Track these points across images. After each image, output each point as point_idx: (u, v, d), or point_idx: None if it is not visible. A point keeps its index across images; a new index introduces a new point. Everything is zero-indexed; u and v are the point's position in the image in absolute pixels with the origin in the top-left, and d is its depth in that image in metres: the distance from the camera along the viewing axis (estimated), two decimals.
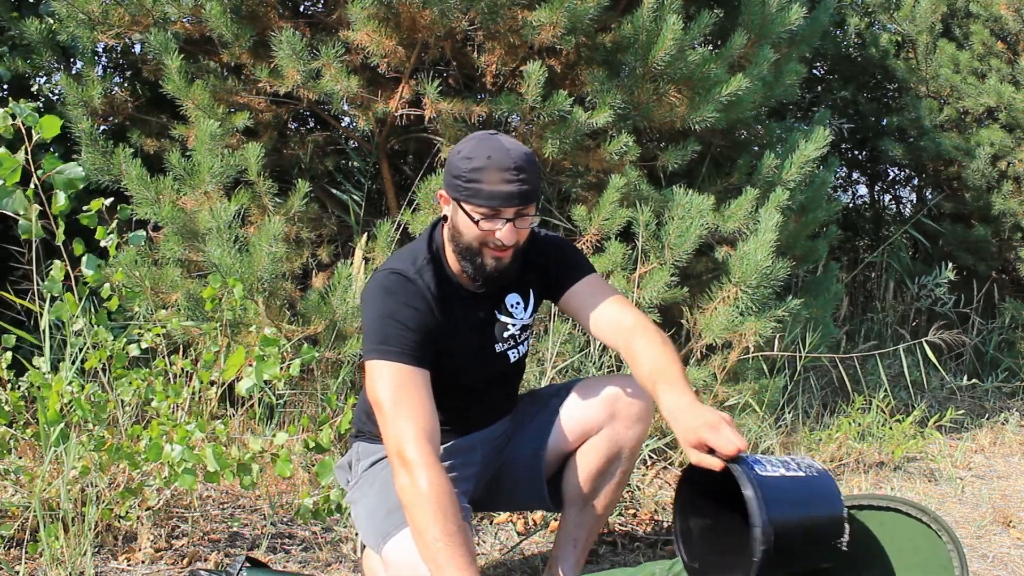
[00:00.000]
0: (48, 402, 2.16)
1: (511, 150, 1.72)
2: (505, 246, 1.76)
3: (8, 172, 2.12)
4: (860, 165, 6.07)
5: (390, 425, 1.68)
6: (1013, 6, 4.90)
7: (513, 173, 1.70)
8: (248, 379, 2.25)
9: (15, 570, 2.03)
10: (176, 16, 3.14)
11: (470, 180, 1.71)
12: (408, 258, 1.84)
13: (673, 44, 2.99)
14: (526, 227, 1.77)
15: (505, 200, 1.71)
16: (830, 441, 3.34)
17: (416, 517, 1.60)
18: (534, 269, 1.95)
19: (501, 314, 1.92)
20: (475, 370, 1.92)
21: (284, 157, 3.44)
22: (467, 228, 1.76)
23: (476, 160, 1.71)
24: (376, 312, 1.76)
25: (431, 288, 1.80)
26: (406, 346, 1.73)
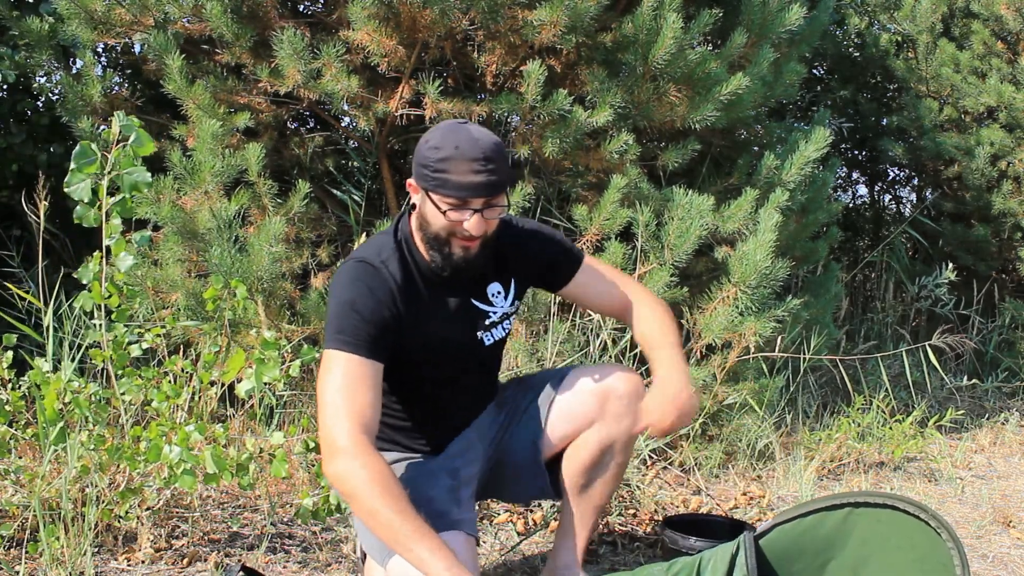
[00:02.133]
0: (47, 401, 2.16)
1: (480, 139, 1.70)
2: (473, 236, 1.74)
3: (85, 163, 2.22)
4: (860, 165, 6.07)
5: (328, 416, 1.68)
6: (1013, 6, 4.89)
7: (482, 163, 1.69)
8: (248, 381, 2.25)
9: (15, 570, 2.03)
10: (177, 16, 3.14)
11: (437, 170, 1.69)
12: (374, 247, 1.83)
13: (673, 43, 2.99)
14: (495, 217, 1.76)
15: (473, 191, 1.69)
16: (830, 441, 3.34)
17: (363, 501, 1.59)
18: (518, 259, 1.94)
19: (480, 302, 1.91)
20: (449, 357, 1.90)
21: (284, 157, 3.44)
22: (435, 218, 1.74)
23: (444, 150, 1.69)
24: (337, 301, 1.76)
25: (396, 278, 1.79)
26: (361, 338, 1.72)
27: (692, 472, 3.09)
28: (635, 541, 2.54)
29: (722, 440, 3.24)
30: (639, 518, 2.69)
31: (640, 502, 2.74)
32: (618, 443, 1.99)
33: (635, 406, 1.96)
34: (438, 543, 1.57)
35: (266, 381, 2.24)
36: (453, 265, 1.79)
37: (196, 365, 2.52)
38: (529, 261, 1.96)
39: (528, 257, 1.95)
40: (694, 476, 3.07)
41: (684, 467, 3.12)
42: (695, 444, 3.17)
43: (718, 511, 2.83)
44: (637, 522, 2.67)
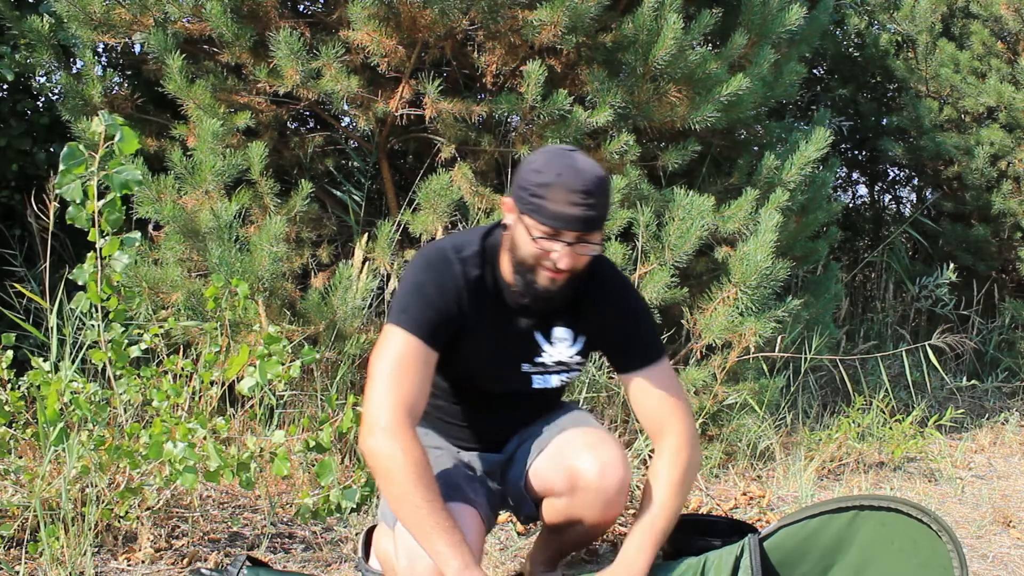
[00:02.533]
0: (47, 401, 2.16)
1: (583, 171, 1.64)
2: (561, 270, 1.68)
3: (74, 163, 2.22)
4: (860, 165, 6.07)
5: (375, 390, 1.67)
6: (1013, 6, 4.90)
7: (581, 196, 1.63)
8: (250, 378, 2.25)
9: (15, 570, 2.03)
10: (177, 16, 3.14)
11: (535, 195, 1.64)
12: (459, 243, 1.79)
13: (673, 44, 2.99)
14: (586, 254, 1.69)
15: (567, 223, 1.64)
16: (830, 441, 3.34)
17: (394, 484, 1.59)
18: (597, 320, 1.84)
19: (542, 337, 1.84)
20: (493, 378, 1.86)
21: (284, 157, 3.44)
22: (525, 243, 1.69)
23: (545, 175, 1.64)
24: (408, 280, 1.76)
25: (468, 278, 1.76)
26: (422, 321, 1.70)
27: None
28: None
29: (722, 440, 3.24)
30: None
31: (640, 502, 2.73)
32: (585, 523, 1.88)
33: (604, 501, 1.81)
34: (458, 539, 1.56)
35: (268, 378, 2.24)
36: (534, 294, 1.73)
37: (197, 365, 2.52)
38: (606, 328, 1.85)
39: (607, 324, 1.85)
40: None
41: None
42: None
43: (718, 511, 2.83)
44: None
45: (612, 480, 1.79)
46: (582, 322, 1.85)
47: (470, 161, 3.19)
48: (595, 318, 1.84)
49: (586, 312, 1.84)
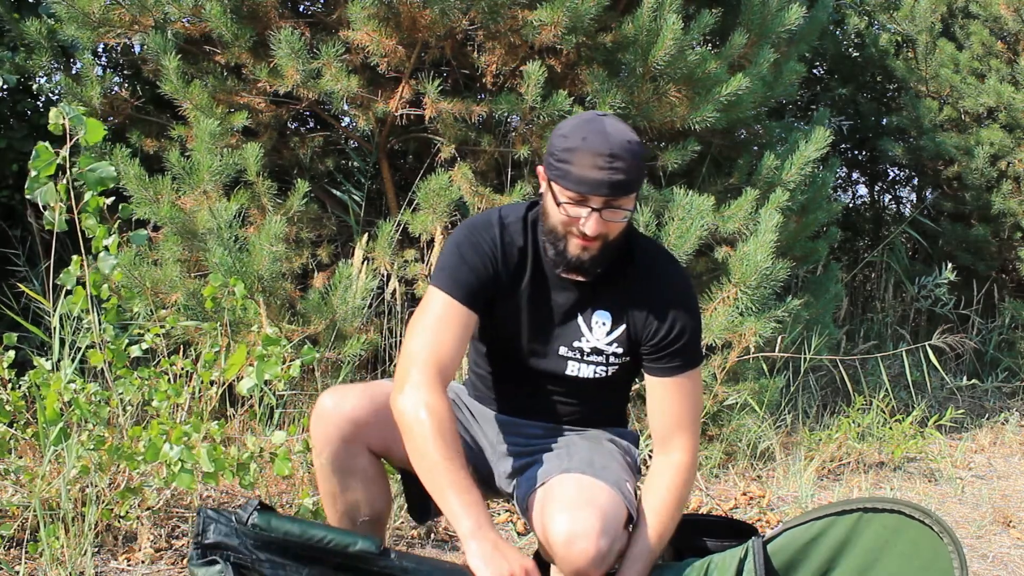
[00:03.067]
0: (47, 401, 2.16)
1: (611, 135, 1.60)
2: (590, 237, 1.64)
3: (44, 164, 2.18)
4: (860, 165, 6.08)
5: (407, 347, 1.67)
6: (1013, 6, 4.90)
7: (607, 160, 1.58)
8: (249, 379, 2.25)
9: (15, 570, 2.03)
10: (176, 16, 3.14)
11: (561, 160, 1.61)
12: (507, 210, 1.78)
13: (673, 44, 2.99)
14: (617, 220, 1.64)
15: (593, 187, 1.59)
16: (830, 441, 3.34)
17: (417, 440, 1.58)
18: (641, 313, 1.76)
19: (583, 321, 1.78)
20: (528, 350, 1.81)
21: (284, 157, 3.44)
22: (553, 210, 1.66)
23: (571, 139, 1.61)
24: (449, 240, 1.76)
25: (506, 243, 1.74)
26: (460, 282, 1.70)
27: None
28: None
29: (722, 440, 3.24)
30: None
31: None
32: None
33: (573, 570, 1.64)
34: (474, 499, 1.54)
35: (267, 378, 2.23)
36: (568, 263, 1.69)
37: (196, 364, 2.52)
38: (648, 323, 1.76)
39: (650, 318, 1.75)
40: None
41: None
42: None
43: (718, 511, 2.83)
44: None
45: (579, 555, 1.61)
46: (624, 309, 1.77)
47: (470, 161, 3.19)
48: (639, 308, 1.76)
49: (630, 300, 1.76)
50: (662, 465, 1.78)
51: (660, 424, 1.79)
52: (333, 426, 1.72)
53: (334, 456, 1.74)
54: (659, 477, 1.77)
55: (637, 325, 1.77)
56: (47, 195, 2.20)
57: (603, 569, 1.66)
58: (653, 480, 1.78)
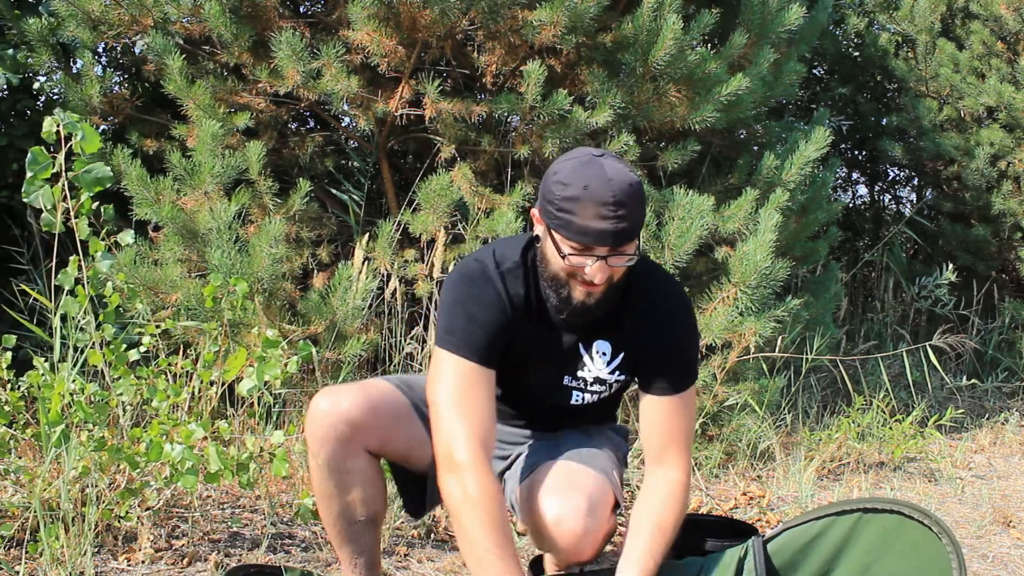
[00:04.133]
0: (50, 403, 2.16)
1: (612, 180, 1.53)
2: (595, 284, 1.60)
3: (39, 168, 2.18)
4: (860, 165, 6.08)
5: (443, 423, 1.62)
6: (1013, 6, 4.90)
7: (611, 209, 1.52)
8: (249, 380, 2.25)
9: (15, 570, 2.03)
10: (176, 16, 3.14)
11: (562, 209, 1.55)
12: (500, 253, 1.72)
13: (673, 44, 2.99)
14: (621, 266, 1.60)
15: (598, 238, 1.54)
16: (830, 441, 3.34)
17: (466, 526, 1.56)
18: (640, 340, 1.74)
19: (584, 351, 1.76)
20: (536, 386, 1.81)
21: (284, 157, 3.44)
22: (554, 258, 1.61)
23: (571, 188, 1.54)
24: (448, 298, 1.69)
25: (510, 295, 1.68)
26: (472, 341, 1.64)
27: (692, 472, 3.09)
28: None
29: (722, 440, 3.24)
30: None
31: None
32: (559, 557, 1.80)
33: (565, 549, 1.69)
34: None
35: (267, 379, 2.23)
36: (571, 309, 1.65)
37: (196, 365, 2.52)
38: (646, 348, 1.75)
39: (648, 344, 1.74)
40: (694, 476, 3.07)
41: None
42: (695, 444, 3.17)
43: (718, 511, 2.83)
44: None
45: (568, 535, 1.65)
46: (624, 338, 1.76)
47: (470, 161, 3.20)
48: (638, 336, 1.75)
49: (629, 328, 1.75)
50: (656, 481, 1.75)
51: (654, 442, 1.76)
52: (329, 427, 1.71)
53: (331, 457, 1.73)
54: (654, 493, 1.74)
55: (636, 350, 1.76)
56: (43, 198, 2.20)
57: (593, 549, 1.69)
58: (648, 496, 1.74)
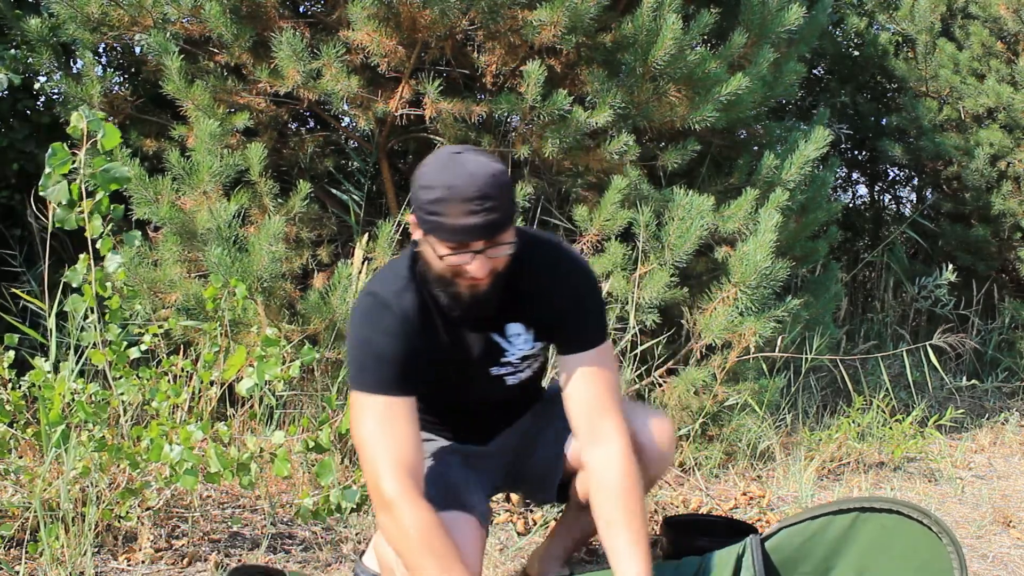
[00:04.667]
0: (51, 403, 2.16)
1: (475, 174, 1.54)
2: (478, 278, 1.61)
3: (58, 163, 2.18)
4: (860, 165, 6.08)
5: (368, 461, 1.61)
6: (1012, 6, 4.90)
7: (478, 203, 1.52)
8: (249, 379, 2.25)
9: (15, 570, 2.03)
10: (176, 16, 3.14)
11: (431, 212, 1.55)
12: (388, 279, 1.71)
13: (673, 44, 2.99)
14: (500, 255, 1.61)
15: (470, 234, 1.54)
16: (830, 441, 3.34)
17: (407, 557, 1.55)
18: (545, 309, 1.75)
19: (500, 338, 1.78)
20: (467, 391, 1.83)
21: (284, 157, 3.44)
22: (435, 261, 1.61)
23: (436, 190, 1.55)
24: (353, 339, 1.68)
25: (409, 314, 1.67)
26: (382, 377, 1.64)
27: (692, 472, 3.09)
28: None
29: (722, 440, 3.24)
30: None
31: None
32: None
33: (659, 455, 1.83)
34: None
35: (267, 379, 2.23)
36: (463, 305, 1.66)
37: (196, 365, 2.52)
38: (552, 313, 1.76)
39: (553, 309, 1.76)
40: (694, 476, 3.07)
41: (684, 467, 3.12)
42: (695, 444, 3.17)
43: (718, 511, 2.83)
44: None
45: (666, 435, 1.83)
46: (529, 313, 1.77)
47: None
48: (540, 306, 1.76)
49: (530, 303, 1.76)
50: (601, 461, 1.71)
51: (584, 410, 1.73)
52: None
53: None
54: (606, 476, 1.70)
55: (547, 317, 1.77)
56: (59, 193, 2.21)
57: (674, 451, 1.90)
58: (603, 481, 1.70)
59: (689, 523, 2.38)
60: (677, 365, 3.25)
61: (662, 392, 3.19)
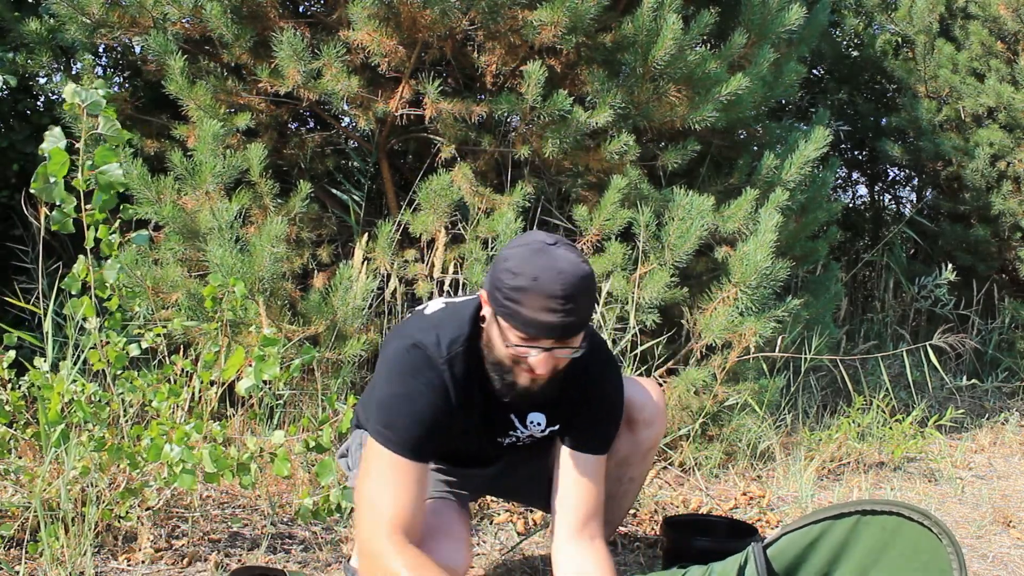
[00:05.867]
0: (49, 403, 2.16)
1: (563, 272, 1.49)
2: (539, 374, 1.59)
3: (58, 166, 2.15)
4: (860, 165, 6.08)
5: (366, 516, 1.60)
6: (1012, 6, 4.90)
7: (560, 302, 1.49)
8: (248, 379, 2.25)
9: (15, 570, 2.03)
10: (176, 17, 3.14)
11: (509, 299, 1.51)
12: (447, 333, 1.65)
13: (673, 44, 2.99)
14: (566, 358, 1.58)
15: (545, 331, 1.51)
16: (830, 441, 3.35)
17: None
18: (571, 412, 1.77)
19: (517, 419, 1.79)
20: (471, 449, 1.85)
21: (284, 157, 3.44)
22: (499, 345, 1.58)
23: (521, 278, 1.50)
24: (390, 388, 1.63)
25: (456, 380, 1.64)
26: (409, 439, 1.61)
27: (692, 472, 3.10)
28: (635, 541, 2.54)
29: (722, 440, 3.24)
30: (639, 518, 2.69)
31: (640, 502, 2.74)
32: (637, 455, 1.95)
33: (658, 416, 1.95)
34: None
35: (266, 379, 2.23)
36: (514, 393, 1.64)
37: (196, 365, 2.52)
38: (575, 416, 1.77)
39: (578, 414, 1.77)
40: (694, 476, 3.07)
41: (684, 467, 3.12)
42: (695, 444, 3.17)
43: (718, 511, 2.83)
44: (637, 522, 2.67)
45: (656, 393, 1.96)
46: (557, 408, 1.78)
47: (470, 161, 3.20)
48: (570, 409, 1.77)
49: (564, 404, 1.76)
50: (587, 550, 1.73)
51: (579, 511, 1.75)
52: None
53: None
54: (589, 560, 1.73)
55: (568, 417, 1.78)
56: (56, 194, 2.17)
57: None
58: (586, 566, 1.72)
59: (689, 523, 2.38)
60: (677, 365, 3.25)
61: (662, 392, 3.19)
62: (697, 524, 2.35)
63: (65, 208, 2.21)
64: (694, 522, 2.40)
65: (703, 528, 2.32)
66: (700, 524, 2.36)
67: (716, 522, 2.41)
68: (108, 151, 2.20)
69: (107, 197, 2.25)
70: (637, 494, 2.16)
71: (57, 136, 2.18)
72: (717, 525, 2.37)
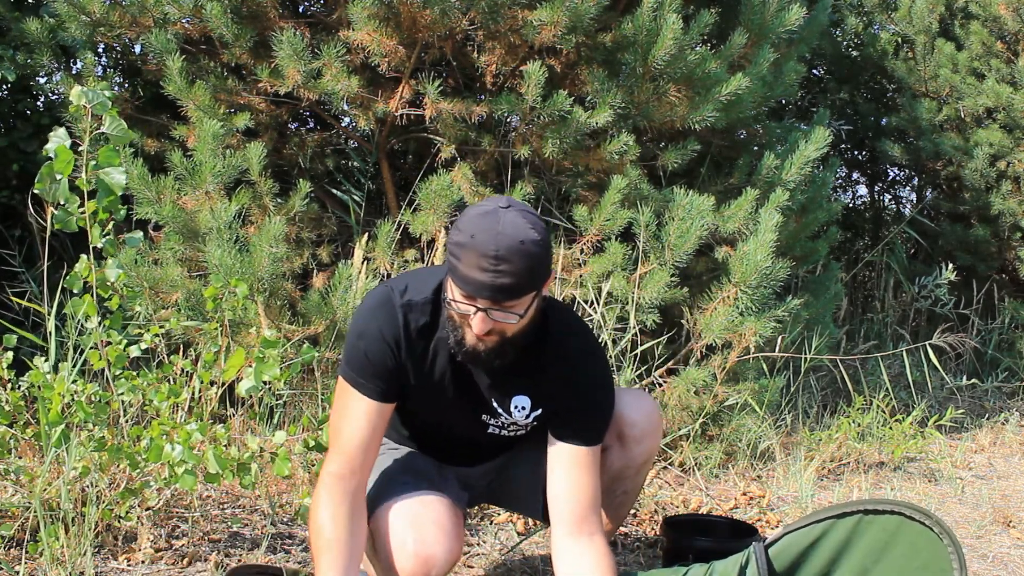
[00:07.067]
0: (50, 403, 2.16)
1: (501, 233, 1.50)
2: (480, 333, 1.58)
3: (64, 164, 2.15)
4: (860, 165, 6.08)
5: (332, 432, 1.73)
6: (1012, 6, 4.90)
7: (491, 262, 1.50)
8: (248, 380, 2.25)
9: (15, 570, 2.03)
10: (176, 17, 3.14)
11: (452, 253, 1.55)
12: (415, 284, 1.70)
13: (673, 44, 2.99)
14: (509, 322, 1.57)
15: (476, 289, 1.52)
16: (830, 441, 3.35)
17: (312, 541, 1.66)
18: (557, 395, 1.75)
19: (500, 404, 1.77)
20: (455, 429, 1.84)
21: (284, 157, 3.44)
22: (448, 301, 1.61)
23: (462, 235, 1.53)
24: (355, 324, 1.71)
25: (409, 327, 1.67)
26: (365, 376, 1.68)
27: (692, 472, 3.10)
28: (635, 541, 2.54)
29: (722, 440, 3.24)
30: (639, 518, 2.69)
31: (640, 502, 2.74)
32: (631, 468, 1.94)
33: (652, 432, 1.91)
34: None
35: (266, 379, 2.23)
36: (465, 353, 1.64)
37: (196, 365, 2.52)
38: (563, 402, 1.75)
39: (565, 398, 1.75)
40: (694, 476, 3.07)
41: (684, 467, 3.12)
42: (695, 444, 3.17)
43: (718, 511, 2.83)
44: (637, 522, 2.67)
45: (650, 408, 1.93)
46: (542, 393, 1.76)
47: (470, 161, 3.20)
48: (555, 391, 1.75)
49: (548, 385, 1.75)
50: (585, 547, 1.71)
51: (574, 505, 1.72)
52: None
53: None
54: (590, 557, 1.70)
55: (555, 403, 1.77)
56: (60, 193, 2.18)
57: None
58: (584, 564, 1.70)
59: (689, 523, 2.38)
60: (677, 365, 3.25)
61: (662, 392, 3.19)
62: (697, 524, 2.36)
63: (69, 207, 2.21)
64: (694, 522, 2.40)
65: (703, 528, 2.32)
66: (700, 524, 2.36)
67: (716, 522, 2.41)
68: (111, 152, 2.20)
69: (112, 197, 2.25)
70: (633, 503, 2.15)
71: (62, 136, 2.19)
72: (717, 525, 2.37)
